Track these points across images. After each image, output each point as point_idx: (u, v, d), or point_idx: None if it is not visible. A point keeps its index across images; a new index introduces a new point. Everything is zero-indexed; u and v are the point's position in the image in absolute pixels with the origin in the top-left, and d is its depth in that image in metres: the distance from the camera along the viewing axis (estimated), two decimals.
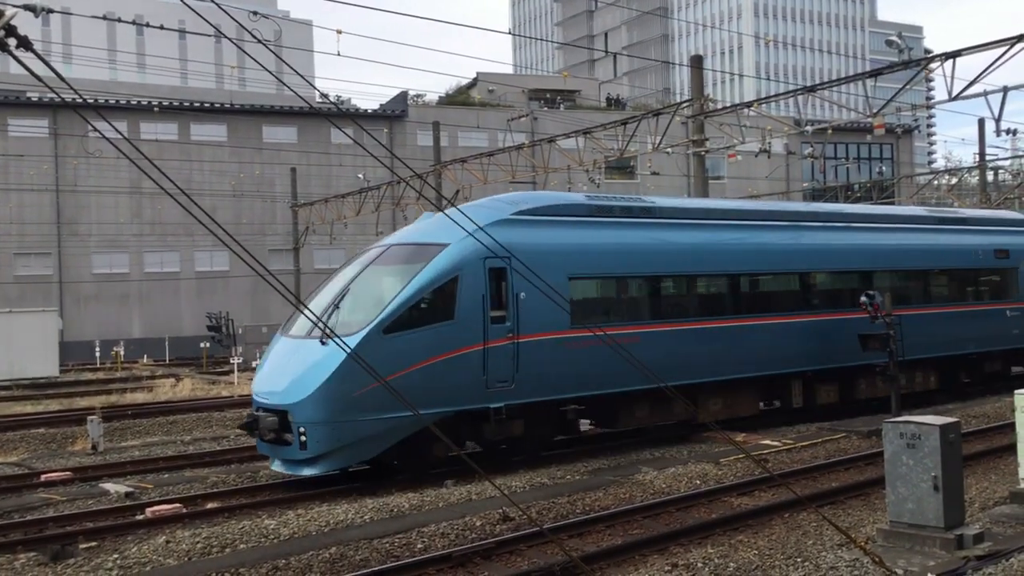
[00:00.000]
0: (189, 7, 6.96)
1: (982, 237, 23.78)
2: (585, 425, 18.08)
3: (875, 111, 22.12)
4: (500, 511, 11.97)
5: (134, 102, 47.57)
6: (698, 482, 13.97)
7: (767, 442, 17.04)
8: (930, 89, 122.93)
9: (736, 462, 15.09)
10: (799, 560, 9.70)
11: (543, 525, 10.98)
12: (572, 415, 16.28)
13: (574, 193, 19.30)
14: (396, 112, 55.00)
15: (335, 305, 14.61)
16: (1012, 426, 12.04)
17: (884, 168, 60.55)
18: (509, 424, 15.22)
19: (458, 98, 63.27)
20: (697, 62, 27.36)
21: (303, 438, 13.73)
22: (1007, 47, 19.01)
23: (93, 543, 11.70)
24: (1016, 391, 11.65)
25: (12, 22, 5.59)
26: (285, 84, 7.81)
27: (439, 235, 15.17)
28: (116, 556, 10.81)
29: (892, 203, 44.55)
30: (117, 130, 6.62)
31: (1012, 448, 12.29)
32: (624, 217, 17.39)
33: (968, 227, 23.90)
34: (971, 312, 22.64)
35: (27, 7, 6.32)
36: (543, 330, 15.19)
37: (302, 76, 7.27)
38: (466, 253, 14.59)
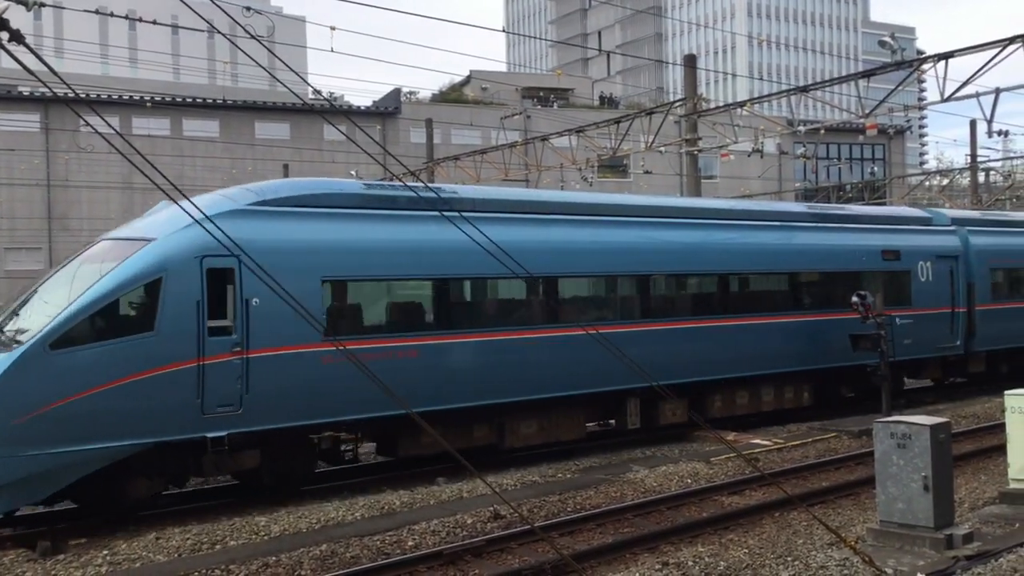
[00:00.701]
0: (183, 2, 6.94)
1: (867, 237, 21.21)
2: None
3: (867, 112, 22.19)
4: (491, 509, 11.97)
5: (126, 97, 47.44)
6: (689, 481, 13.99)
7: (758, 441, 17.08)
8: (922, 90, 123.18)
9: (727, 461, 15.11)
10: (789, 559, 9.72)
11: (534, 523, 10.98)
12: (327, 443, 13.80)
13: (347, 181, 16.42)
14: (389, 109, 54.93)
15: (14, 312, 12.34)
16: (1002, 426, 12.09)
17: (876, 169, 60.69)
18: (239, 456, 12.78)
19: (451, 96, 63.21)
20: (690, 61, 27.39)
21: None
22: (999, 49, 19.09)
23: (82, 539, 11.67)
24: (1006, 392, 11.71)
25: (4, 16, 5.57)
26: (278, 80, 7.79)
27: (149, 228, 12.87)
28: (106, 552, 10.79)
29: (883, 203, 44.67)
30: (109, 125, 6.60)
31: (1002, 448, 12.34)
32: (412, 209, 14.59)
33: (851, 225, 21.30)
34: (851, 321, 19.38)
35: (19, 1, 6.30)
36: (286, 343, 12.71)
37: (295, 72, 7.25)
38: (175, 250, 12.27)
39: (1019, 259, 24.61)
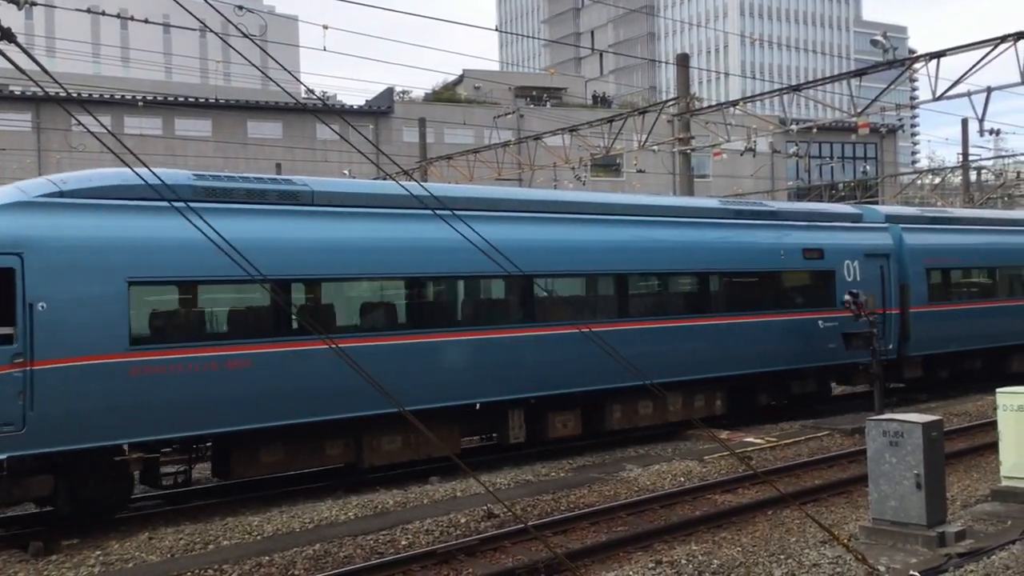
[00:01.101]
0: (175, 0, 6.93)
1: (786, 234, 19.70)
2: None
3: (859, 111, 22.23)
4: (485, 508, 11.97)
5: (118, 96, 47.33)
6: (682, 479, 14.01)
7: (751, 440, 17.10)
8: (914, 89, 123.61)
9: (720, 459, 15.14)
10: (782, 557, 9.74)
11: (528, 522, 10.98)
12: (136, 466, 12.31)
13: (174, 171, 14.45)
14: (382, 108, 54.88)
15: None
16: (994, 424, 12.12)
17: (868, 168, 60.84)
18: (26, 482, 11.43)
19: (444, 95, 63.15)
20: (683, 61, 27.42)
21: None
22: (991, 48, 19.13)
23: (75, 540, 11.63)
24: (998, 390, 11.75)
25: None
26: (271, 79, 7.78)
27: None
28: (98, 552, 10.76)
29: (875, 203, 44.76)
30: (101, 124, 6.59)
31: (994, 446, 12.38)
32: (255, 203, 13.18)
33: (768, 222, 19.68)
34: (766, 324, 18.56)
35: (10, 0, 6.27)
36: (82, 353, 11.35)
37: (288, 71, 7.25)
38: None
39: (958, 258, 23.19)
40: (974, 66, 19.34)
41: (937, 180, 49.25)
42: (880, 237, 21.26)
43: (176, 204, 10.92)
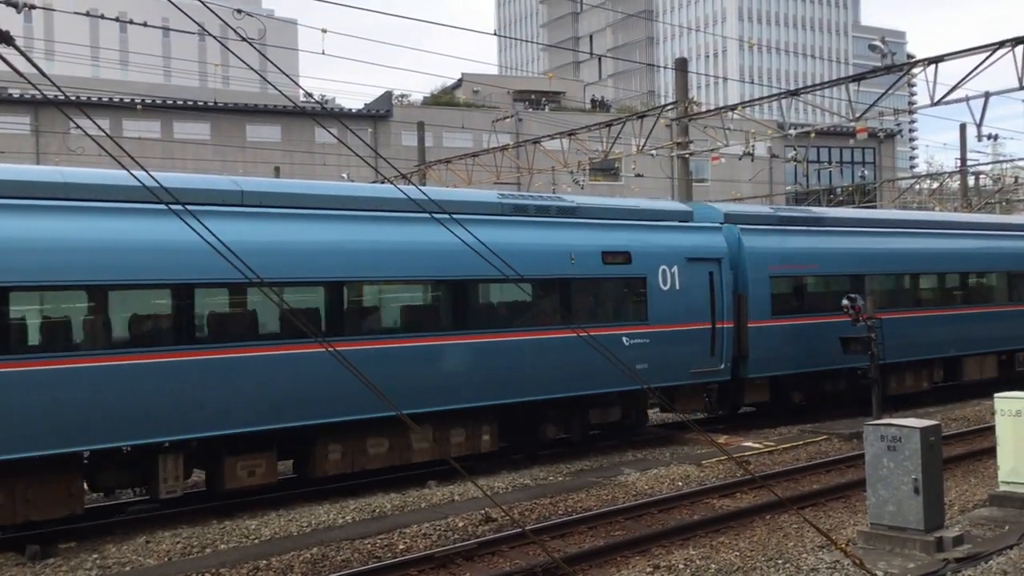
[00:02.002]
0: (173, 4, 6.93)
1: (583, 234, 16.50)
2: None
3: (858, 115, 22.24)
4: (483, 512, 11.97)
5: (116, 99, 47.32)
6: (680, 484, 14.01)
7: (749, 444, 17.11)
8: (912, 94, 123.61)
9: (718, 464, 15.14)
10: (780, 562, 9.74)
11: (525, 526, 10.98)
12: None
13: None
14: (381, 112, 54.90)
15: None
16: (992, 429, 12.12)
17: (866, 172, 60.90)
18: None
19: (443, 98, 63.20)
20: (681, 65, 27.44)
21: None
22: (989, 53, 19.15)
23: (72, 543, 11.61)
24: (996, 395, 11.76)
25: None
26: (269, 82, 7.77)
27: None
28: (95, 556, 10.75)
29: (874, 207, 44.83)
30: (99, 127, 6.58)
31: (992, 451, 12.38)
32: (98, 200, 11.96)
33: (558, 220, 16.48)
34: (544, 342, 15.38)
35: (9, 3, 6.27)
36: None
37: (286, 75, 7.24)
38: None
39: (817, 264, 20.21)
40: (972, 71, 19.37)
41: (935, 185, 49.29)
42: (710, 239, 18.26)
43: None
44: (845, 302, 18.13)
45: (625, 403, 17.27)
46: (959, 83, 19.71)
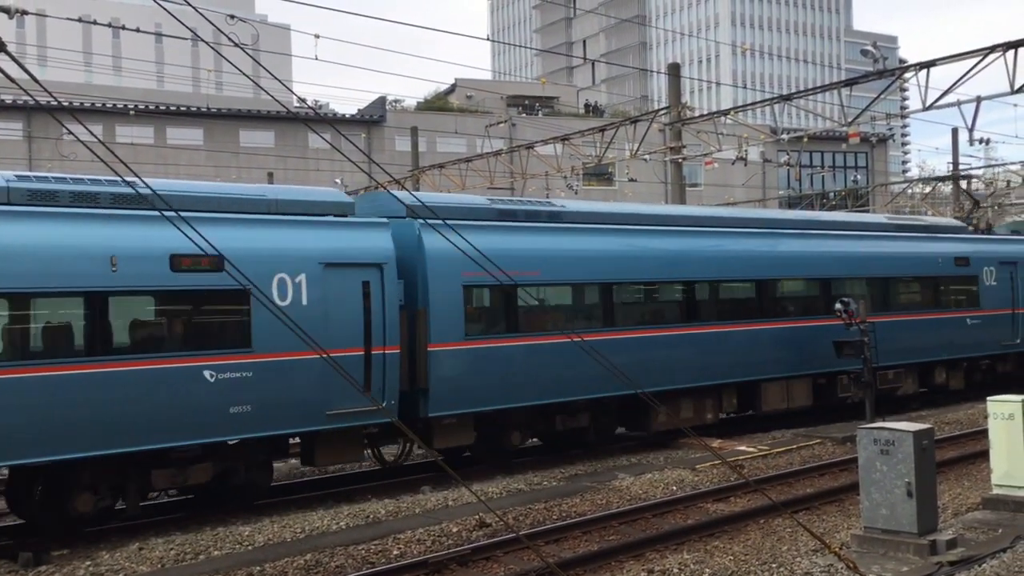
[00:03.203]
0: (166, 10, 6.93)
1: (140, 231, 12.20)
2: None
3: (850, 120, 22.32)
4: (477, 517, 11.97)
5: (109, 105, 47.27)
6: (674, 488, 14.01)
7: (743, 448, 17.11)
8: (904, 99, 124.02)
9: (712, 468, 15.14)
10: (774, 566, 9.75)
11: (520, 531, 10.97)
12: None
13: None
14: (374, 117, 54.91)
15: None
16: (985, 432, 12.16)
17: (859, 176, 61.06)
18: None
19: (436, 104, 63.21)
20: (674, 70, 27.51)
21: None
22: (980, 58, 19.24)
23: (65, 550, 11.58)
24: (989, 398, 11.79)
25: None
26: (262, 88, 7.78)
27: None
28: (88, 563, 10.71)
29: (866, 211, 44.94)
30: (92, 133, 6.58)
31: (985, 454, 12.41)
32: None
33: (106, 211, 12.20)
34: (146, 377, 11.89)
35: (1, 9, 6.26)
36: None
37: (279, 80, 7.25)
38: None
39: (531, 270, 15.44)
40: (964, 76, 19.45)
41: (927, 189, 49.45)
42: (367, 238, 14.13)
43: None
44: (838, 306, 18.14)
45: (251, 457, 13.52)
46: (951, 87, 19.81)
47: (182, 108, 51.75)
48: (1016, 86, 19.01)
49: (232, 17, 16.82)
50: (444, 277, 14.71)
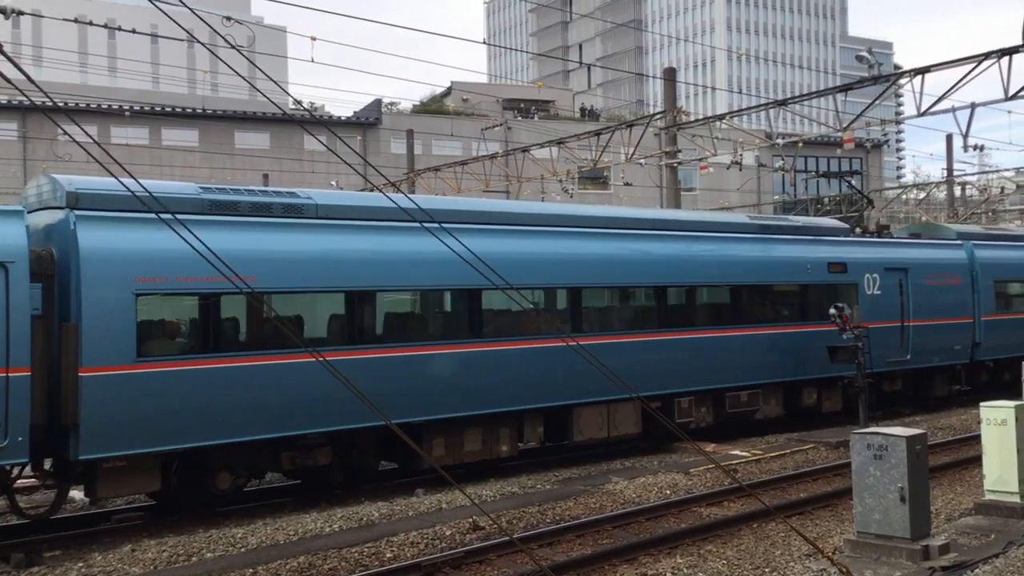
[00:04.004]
0: (162, 11, 6.93)
1: None
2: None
3: (845, 126, 22.36)
4: (470, 520, 11.96)
5: (105, 106, 47.22)
6: (668, 492, 14.01)
7: (736, 452, 17.12)
8: (899, 104, 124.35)
9: (705, 472, 15.15)
10: (767, 570, 9.76)
11: (513, 534, 10.97)
12: None
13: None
14: (370, 120, 54.90)
15: None
16: (978, 438, 12.18)
17: (853, 182, 61.16)
18: None
19: (432, 106, 63.23)
20: (670, 75, 27.56)
21: None
22: (975, 64, 19.29)
23: (57, 551, 11.54)
24: (982, 404, 11.81)
25: None
26: (258, 90, 7.78)
27: None
28: (80, 565, 10.69)
29: (861, 216, 44.99)
30: (87, 133, 6.57)
31: (978, 460, 12.43)
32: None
33: None
34: None
35: None
36: None
37: (275, 82, 7.25)
38: None
39: (246, 275, 11.20)
40: (958, 82, 19.50)
41: (922, 195, 49.58)
42: None
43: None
44: (832, 311, 18.17)
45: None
46: (945, 94, 19.85)
47: (177, 109, 51.70)
48: (1010, 93, 19.08)
49: (228, 19, 16.81)
50: (106, 283, 11.74)
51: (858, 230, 23.10)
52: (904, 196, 52.32)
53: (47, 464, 12.41)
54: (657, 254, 17.60)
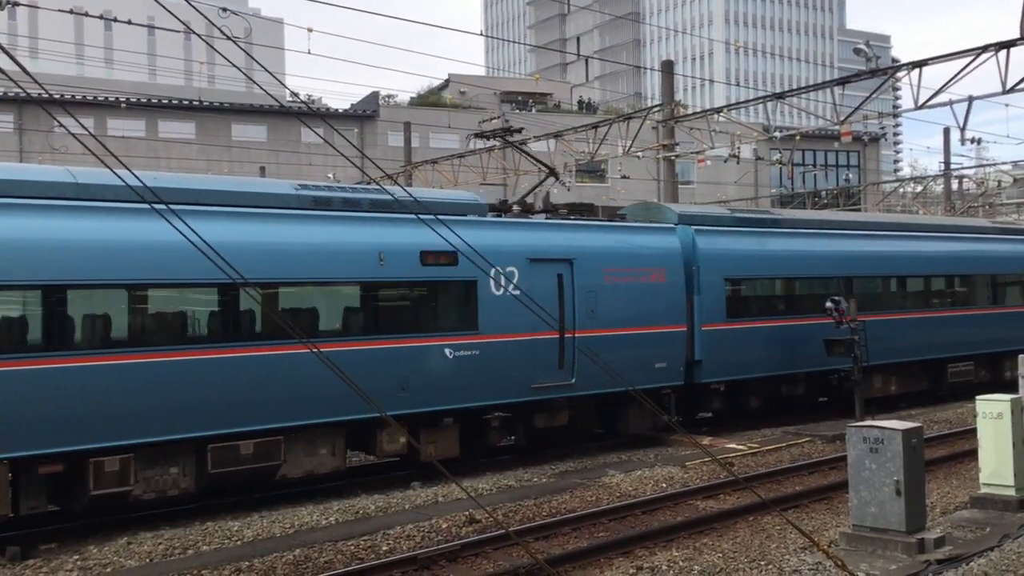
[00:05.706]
0: (158, 3, 6.90)
1: None
2: None
3: (843, 119, 22.33)
4: (466, 513, 11.97)
5: (101, 98, 47.11)
6: (664, 485, 14.03)
7: (732, 446, 17.14)
8: (897, 98, 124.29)
9: (702, 465, 15.17)
10: (763, 563, 9.77)
11: (509, 527, 10.98)
12: None
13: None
14: (367, 112, 54.81)
15: None
16: (974, 431, 12.20)
17: (851, 175, 61.18)
18: None
19: (430, 99, 63.13)
20: (668, 67, 27.53)
21: None
22: (972, 57, 19.26)
23: (53, 544, 11.55)
24: (978, 397, 11.83)
25: None
26: (255, 82, 7.75)
27: None
28: (76, 557, 10.69)
29: (858, 211, 45.03)
30: (83, 126, 6.55)
31: (973, 453, 12.46)
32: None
33: None
34: None
35: None
36: None
37: (272, 74, 7.22)
38: None
39: None
40: (956, 75, 19.47)
41: (919, 188, 49.58)
42: None
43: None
44: (829, 304, 18.15)
45: None
46: (943, 87, 19.81)
47: (174, 101, 51.56)
48: (1008, 86, 19.04)
49: (225, 10, 16.77)
50: None
51: (516, 208, 17.50)
52: (901, 189, 52.32)
53: None
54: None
